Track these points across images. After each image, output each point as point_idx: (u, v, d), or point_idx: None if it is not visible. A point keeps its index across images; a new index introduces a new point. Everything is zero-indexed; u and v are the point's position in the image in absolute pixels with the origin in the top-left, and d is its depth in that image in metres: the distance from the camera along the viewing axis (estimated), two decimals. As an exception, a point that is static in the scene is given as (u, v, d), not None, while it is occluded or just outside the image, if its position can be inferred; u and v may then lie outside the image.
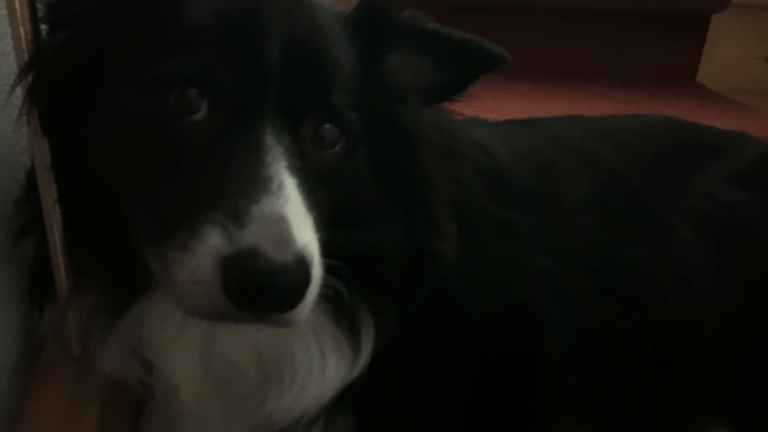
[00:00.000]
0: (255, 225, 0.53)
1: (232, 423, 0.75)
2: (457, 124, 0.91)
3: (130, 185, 0.61)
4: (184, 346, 0.69)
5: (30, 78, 0.65)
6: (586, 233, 0.89)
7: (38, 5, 0.65)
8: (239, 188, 0.55)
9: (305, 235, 0.55)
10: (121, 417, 0.81)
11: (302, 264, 0.54)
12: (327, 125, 0.65)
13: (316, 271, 0.56)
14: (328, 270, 0.60)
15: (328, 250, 0.60)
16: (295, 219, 0.55)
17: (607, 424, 0.91)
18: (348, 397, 0.74)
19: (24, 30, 0.63)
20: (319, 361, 0.71)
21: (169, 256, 0.55)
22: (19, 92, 0.67)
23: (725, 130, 1.09)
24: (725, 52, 2.47)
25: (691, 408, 0.95)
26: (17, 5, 0.62)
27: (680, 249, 0.91)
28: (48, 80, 0.65)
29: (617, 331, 0.88)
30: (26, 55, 0.65)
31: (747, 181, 0.97)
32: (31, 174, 0.71)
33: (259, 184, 0.55)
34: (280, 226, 0.54)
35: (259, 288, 0.52)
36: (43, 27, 0.67)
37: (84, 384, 0.75)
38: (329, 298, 0.65)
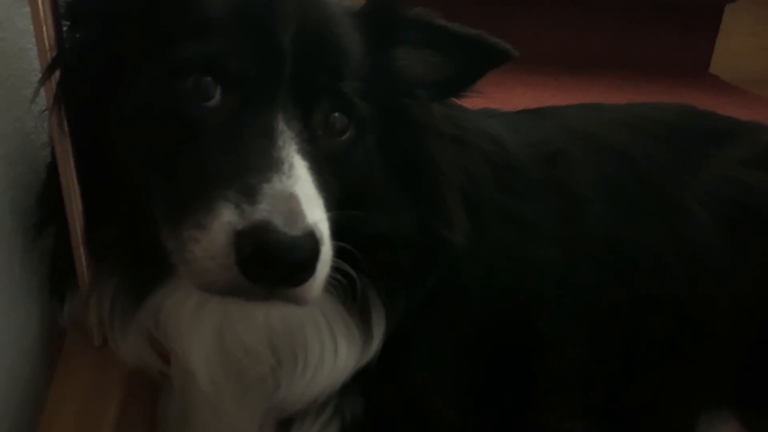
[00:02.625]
0: (267, 201, 0.55)
1: (246, 408, 0.77)
2: (467, 115, 0.92)
3: (149, 168, 0.63)
4: (199, 331, 0.71)
5: (56, 74, 0.67)
6: (596, 220, 0.89)
7: (60, 3, 0.66)
8: (251, 169, 0.57)
9: (315, 213, 0.57)
10: (140, 407, 0.83)
11: (312, 239, 0.55)
12: (337, 114, 0.66)
13: (326, 249, 0.58)
14: (340, 256, 0.62)
15: (339, 234, 0.61)
16: (305, 198, 0.57)
17: (612, 411, 0.91)
18: (358, 382, 0.76)
19: (47, 27, 0.64)
20: (331, 346, 0.72)
21: (184, 235, 0.57)
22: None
23: (738, 119, 1.09)
24: (739, 42, 2.45)
25: (697, 394, 0.95)
26: (40, 3, 0.62)
27: (693, 230, 0.91)
28: (72, 75, 0.67)
29: (624, 318, 0.89)
30: (49, 52, 0.65)
31: (763, 165, 0.97)
32: (52, 168, 0.73)
33: (270, 165, 0.57)
34: (291, 202, 0.56)
35: (271, 259, 0.53)
36: (65, 23, 0.68)
37: (104, 374, 0.76)
38: (341, 284, 0.67)
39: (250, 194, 0.55)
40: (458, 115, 0.87)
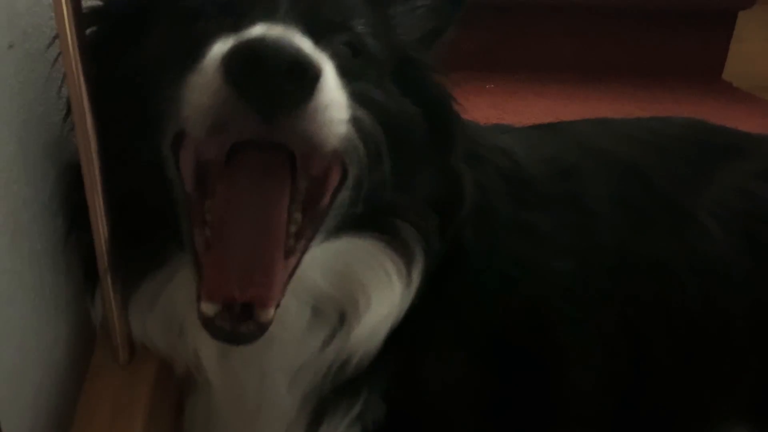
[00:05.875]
0: (257, 28, 0.55)
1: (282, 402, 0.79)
2: (481, 131, 0.94)
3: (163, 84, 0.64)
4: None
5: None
6: (608, 234, 0.91)
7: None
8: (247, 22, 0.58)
9: (312, 48, 0.56)
10: (166, 421, 0.85)
11: (306, 55, 0.53)
12: (343, 45, 0.68)
13: (332, 84, 0.57)
14: (385, 209, 0.67)
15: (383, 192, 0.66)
16: (299, 38, 0.56)
17: (626, 423, 0.92)
18: (381, 386, 0.79)
19: (70, 27, 0.66)
20: (388, 283, 0.75)
21: (185, 90, 0.58)
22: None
23: (750, 133, 1.10)
24: (752, 49, 2.45)
25: (711, 408, 0.96)
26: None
27: (706, 243, 0.92)
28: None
29: (637, 330, 0.90)
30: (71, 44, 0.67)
31: None
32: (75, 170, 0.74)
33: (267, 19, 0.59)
34: (283, 31, 0.55)
35: (256, 57, 0.52)
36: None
37: (131, 390, 0.78)
38: (387, 231, 0.72)
39: (242, 31, 0.56)
40: (473, 131, 0.90)
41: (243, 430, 0.83)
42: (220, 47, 0.56)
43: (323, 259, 0.73)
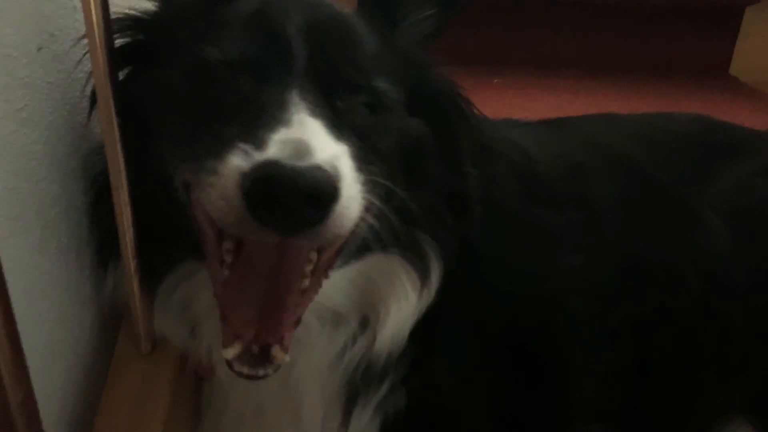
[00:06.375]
0: (273, 145, 0.57)
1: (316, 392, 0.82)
2: (494, 125, 0.96)
3: (180, 135, 0.68)
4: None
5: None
6: (614, 232, 0.93)
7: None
8: (262, 125, 0.60)
9: (328, 150, 0.59)
10: (187, 408, 0.88)
11: (321, 171, 0.55)
12: (362, 106, 0.70)
13: (348, 186, 0.59)
14: (402, 218, 0.68)
15: (398, 205, 0.67)
16: (316, 140, 0.59)
17: (630, 418, 0.94)
18: (404, 373, 0.82)
19: (98, 29, 0.69)
20: (404, 293, 0.79)
21: (203, 181, 0.61)
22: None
23: (754, 130, 1.12)
24: (759, 44, 2.44)
25: (714, 401, 0.98)
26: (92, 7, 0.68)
27: (709, 241, 0.94)
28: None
29: (642, 326, 0.92)
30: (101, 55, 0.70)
31: None
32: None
33: (279, 122, 0.60)
34: (299, 144, 0.57)
35: (274, 193, 0.54)
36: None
37: (153, 378, 0.81)
38: (398, 238, 0.74)
39: (258, 143, 0.58)
40: (486, 125, 0.92)
41: (258, 422, 0.86)
42: (239, 162, 0.58)
43: (343, 280, 0.77)
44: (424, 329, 0.81)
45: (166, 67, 0.72)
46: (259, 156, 0.57)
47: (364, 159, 0.65)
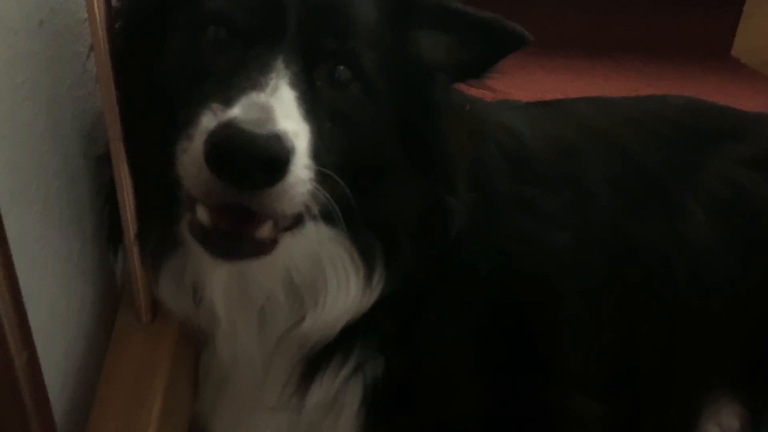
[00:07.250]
0: (239, 106, 0.60)
1: (275, 355, 0.84)
2: (485, 107, 0.97)
3: (172, 106, 0.69)
4: (221, 274, 0.77)
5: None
6: (603, 213, 0.95)
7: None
8: (237, 87, 0.62)
9: (289, 124, 0.61)
10: (186, 376, 0.90)
11: (278, 142, 0.58)
12: (341, 67, 0.71)
13: (300, 162, 0.61)
14: (351, 219, 0.70)
15: (351, 203, 0.67)
16: (281, 111, 0.61)
17: (617, 395, 0.96)
18: (378, 343, 0.83)
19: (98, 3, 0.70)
20: (345, 281, 0.78)
21: (179, 150, 0.63)
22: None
23: (747, 113, 1.13)
24: (761, 25, 2.43)
25: (702, 377, 1.00)
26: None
27: (691, 229, 0.97)
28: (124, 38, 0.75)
29: (629, 305, 0.94)
30: (100, 27, 0.72)
31: (761, 164, 1.01)
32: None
33: (254, 85, 0.62)
34: (264, 110, 0.60)
35: (234, 153, 0.57)
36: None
37: (153, 348, 0.83)
38: (351, 231, 0.75)
39: (227, 102, 0.60)
40: (478, 108, 0.92)
41: (247, 388, 0.88)
42: (209, 121, 0.60)
43: (300, 243, 0.76)
44: (402, 302, 0.81)
45: (167, 28, 0.73)
46: (223, 114, 0.59)
47: (323, 147, 0.66)
